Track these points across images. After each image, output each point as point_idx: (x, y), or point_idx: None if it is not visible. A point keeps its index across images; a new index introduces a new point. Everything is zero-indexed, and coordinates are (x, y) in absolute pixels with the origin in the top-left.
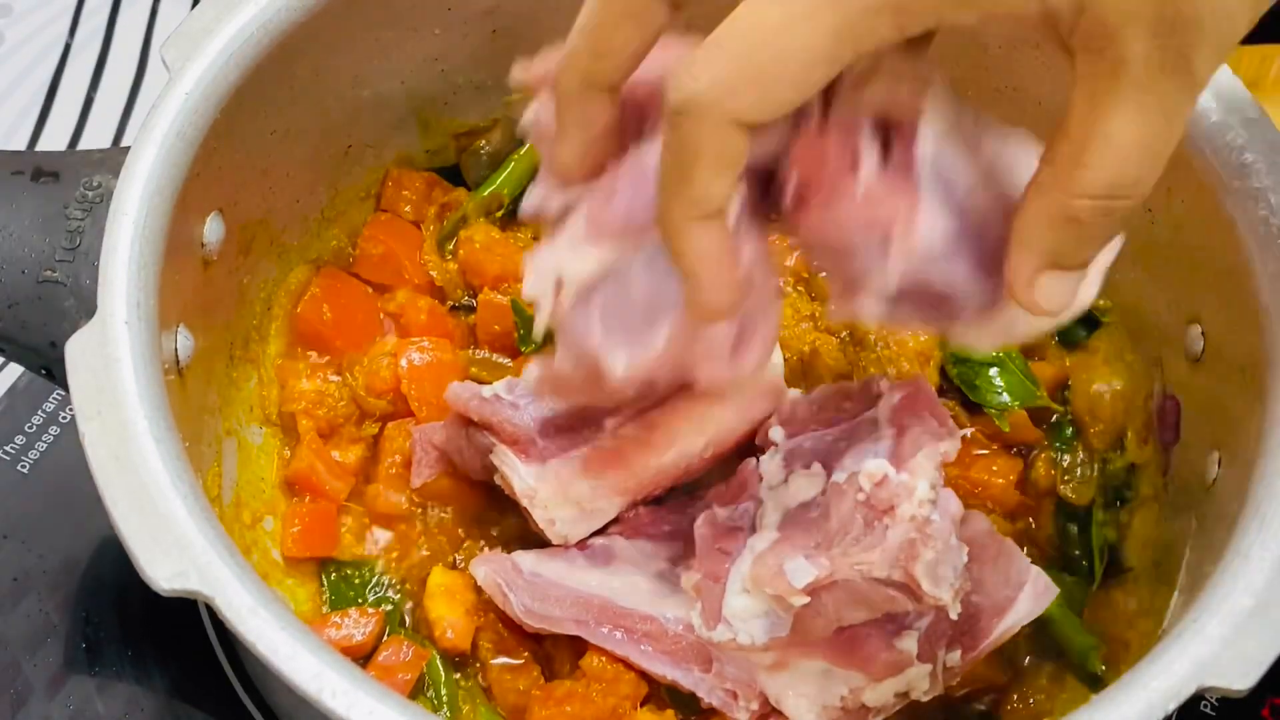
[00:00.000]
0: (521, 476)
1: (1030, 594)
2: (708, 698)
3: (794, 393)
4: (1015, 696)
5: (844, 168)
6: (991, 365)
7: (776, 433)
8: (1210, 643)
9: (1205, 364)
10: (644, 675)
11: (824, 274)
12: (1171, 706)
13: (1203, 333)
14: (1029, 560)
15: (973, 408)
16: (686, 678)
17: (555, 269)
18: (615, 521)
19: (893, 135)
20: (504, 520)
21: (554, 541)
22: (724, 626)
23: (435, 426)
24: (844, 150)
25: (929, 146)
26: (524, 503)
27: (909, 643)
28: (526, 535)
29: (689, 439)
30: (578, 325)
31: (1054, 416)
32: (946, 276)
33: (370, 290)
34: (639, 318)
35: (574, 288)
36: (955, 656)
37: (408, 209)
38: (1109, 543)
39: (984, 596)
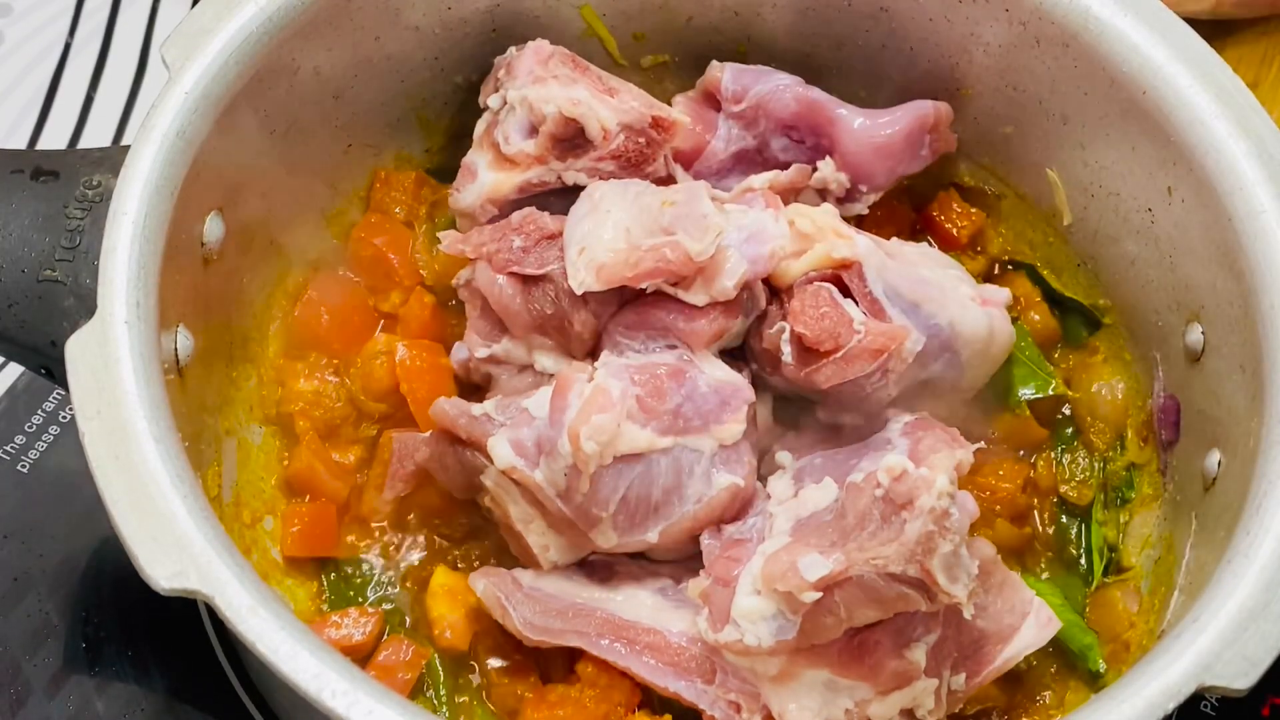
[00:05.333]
0: (521, 504)
1: (1034, 624)
2: (710, 709)
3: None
4: (1023, 717)
5: (842, 324)
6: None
7: (784, 457)
8: (1210, 643)
9: (1205, 364)
10: (642, 685)
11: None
12: (1171, 706)
13: (1203, 332)
14: (1033, 592)
15: (989, 408)
16: (689, 690)
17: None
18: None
19: (845, 280)
20: (482, 537)
21: (543, 567)
22: (731, 628)
23: (418, 439)
24: (835, 311)
25: (879, 284)
26: (518, 527)
27: (918, 653)
28: (503, 555)
29: None
30: (604, 484)
31: (1065, 408)
32: (928, 370)
33: (367, 291)
34: (648, 509)
35: (621, 451)
36: (960, 680)
37: (399, 209)
38: (1109, 542)
39: (988, 623)
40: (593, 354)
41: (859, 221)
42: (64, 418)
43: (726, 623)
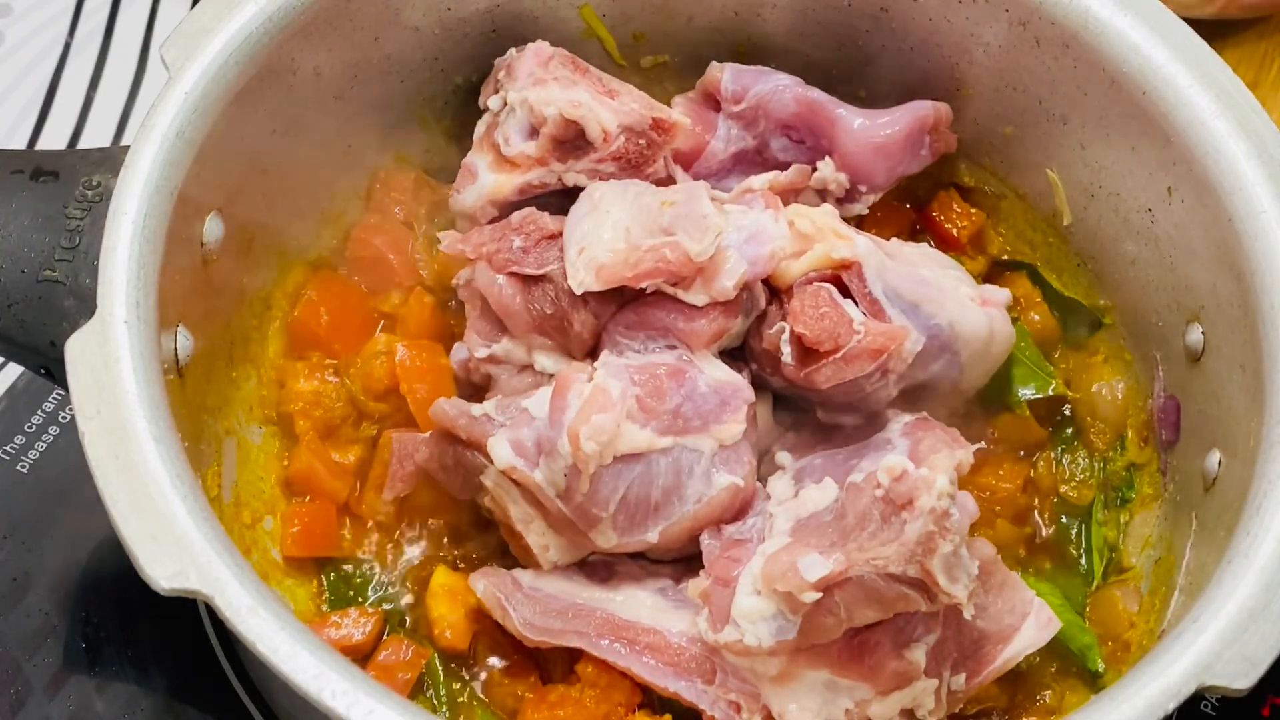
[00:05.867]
0: (521, 504)
1: (1033, 625)
2: (710, 710)
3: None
4: (1023, 717)
5: (842, 324)
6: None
7: (784, 457)
8: (1210, 643)
9: (1205, 364)
10: (642, 685)
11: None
12: (1171, 706)
13: (1203, 333)
14: (1033, 592)
15: (989, 408)
16: (689, 690)
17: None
18: None
19: (845, 281)
20: (482, 537)
21: (543, 567)
22: (731, 628)
23: (418, 439)
24: (834, 311)
25: (878, 284)
26: (518, 527)
27: (918, 654)
28: (503, 555)
29: None
30: (604, 484)
31: (1065, 408)
32: (928, 370)
33: (366, 292)
34: (648, 509)
35: (621, 451)
36: (960, 680)
37: (398, 210)
38: (1109, 542)
39: (988, 623)
40: (592, 354)
41: (859, 222)
42: (64, 418)
43: (726, 623)
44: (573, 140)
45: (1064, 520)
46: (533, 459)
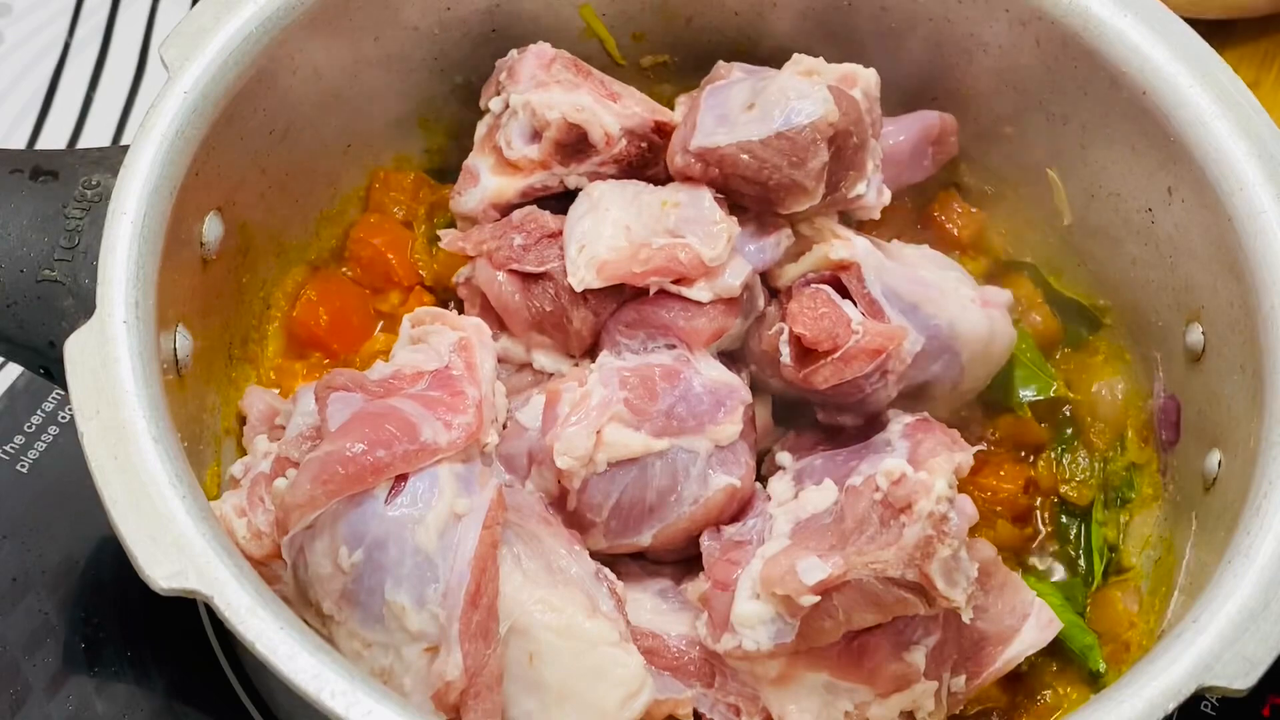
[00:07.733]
0: None
1: (1034, 625)
2: (710, 713)
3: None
4: (1023, 717)
5: (840, 324)
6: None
7: (784, 458)
8: (1210, 643)
9: (1205, 364)
10: None
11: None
12: (1171, 706)
13: (1203, 333)
14: (1034, 593)
15: (990, 409)
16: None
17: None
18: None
19: (844, 281)
20: None
21: None
22: (730, 635)
23: None
24: (833, 312)
25: (877, 285)
26: None
27: (917, 656)
28: None
29: None
30: (597, 490)
31: (1065, 408)
32: (928, 371)
33: (365, 292)
34: (642, 513)
35: (615, 458)
36: (960, 682)
37: (397, 210)
38: (1109, 542)
39: (989, 624)
40: (591, 353)
41: (859, 222)
42: (63, 418)
43: (725, 629)
44: (575, 143)
45: (1064, 520)
46: (524, 471)
